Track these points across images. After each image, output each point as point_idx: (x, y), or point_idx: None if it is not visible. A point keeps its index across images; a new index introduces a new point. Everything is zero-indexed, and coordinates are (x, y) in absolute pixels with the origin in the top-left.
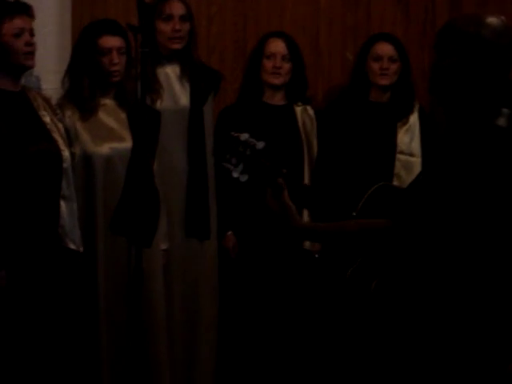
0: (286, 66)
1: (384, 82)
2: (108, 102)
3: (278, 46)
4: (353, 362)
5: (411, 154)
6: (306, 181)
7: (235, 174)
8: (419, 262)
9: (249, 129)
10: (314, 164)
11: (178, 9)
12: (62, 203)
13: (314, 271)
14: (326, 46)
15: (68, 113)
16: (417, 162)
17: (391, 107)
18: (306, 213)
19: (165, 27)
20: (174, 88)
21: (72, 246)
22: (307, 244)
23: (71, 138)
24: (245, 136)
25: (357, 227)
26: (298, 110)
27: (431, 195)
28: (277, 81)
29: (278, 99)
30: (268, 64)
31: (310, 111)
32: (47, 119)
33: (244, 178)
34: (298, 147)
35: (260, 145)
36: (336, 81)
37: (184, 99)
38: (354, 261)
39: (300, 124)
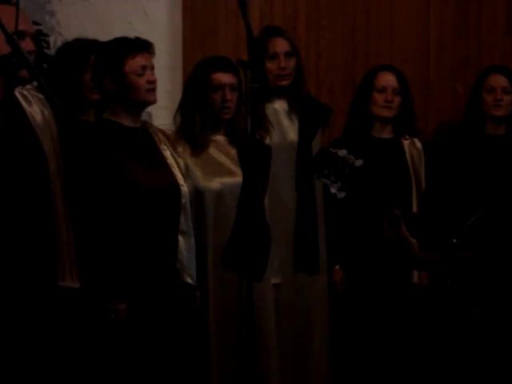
0: (397, 99)
1: (498, 113)
2: (219, 137)
3: (389, 80)
4: None
5: None
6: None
7: (333, 190)
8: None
9: None
10: (422, 196)
11: (282, 46)
12: (180, 238)
13: (423, 305)
14: (436, 77)
15: (179, 148)
16: None
17: (508, 139)
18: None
19: (271, 65)
20: (283, 123)
21: (189, 281)
22: (415, 278)
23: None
24: (343, 152)
25: (473, 257)
26: (406, 143)
27: None
28: (387, 113)
29: (386, 133)
30: (379, 97)
31: (418, 144)
32: (168, 154)
33: (341, 195)
34: (407, 180)
35: (358, 163)
36: (446, 113)
37: (292, 134)
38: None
39: (408, 157)
